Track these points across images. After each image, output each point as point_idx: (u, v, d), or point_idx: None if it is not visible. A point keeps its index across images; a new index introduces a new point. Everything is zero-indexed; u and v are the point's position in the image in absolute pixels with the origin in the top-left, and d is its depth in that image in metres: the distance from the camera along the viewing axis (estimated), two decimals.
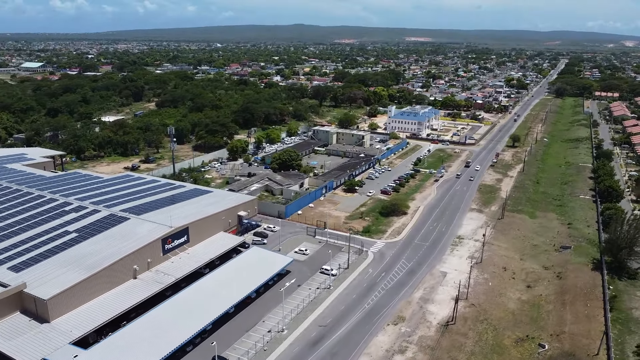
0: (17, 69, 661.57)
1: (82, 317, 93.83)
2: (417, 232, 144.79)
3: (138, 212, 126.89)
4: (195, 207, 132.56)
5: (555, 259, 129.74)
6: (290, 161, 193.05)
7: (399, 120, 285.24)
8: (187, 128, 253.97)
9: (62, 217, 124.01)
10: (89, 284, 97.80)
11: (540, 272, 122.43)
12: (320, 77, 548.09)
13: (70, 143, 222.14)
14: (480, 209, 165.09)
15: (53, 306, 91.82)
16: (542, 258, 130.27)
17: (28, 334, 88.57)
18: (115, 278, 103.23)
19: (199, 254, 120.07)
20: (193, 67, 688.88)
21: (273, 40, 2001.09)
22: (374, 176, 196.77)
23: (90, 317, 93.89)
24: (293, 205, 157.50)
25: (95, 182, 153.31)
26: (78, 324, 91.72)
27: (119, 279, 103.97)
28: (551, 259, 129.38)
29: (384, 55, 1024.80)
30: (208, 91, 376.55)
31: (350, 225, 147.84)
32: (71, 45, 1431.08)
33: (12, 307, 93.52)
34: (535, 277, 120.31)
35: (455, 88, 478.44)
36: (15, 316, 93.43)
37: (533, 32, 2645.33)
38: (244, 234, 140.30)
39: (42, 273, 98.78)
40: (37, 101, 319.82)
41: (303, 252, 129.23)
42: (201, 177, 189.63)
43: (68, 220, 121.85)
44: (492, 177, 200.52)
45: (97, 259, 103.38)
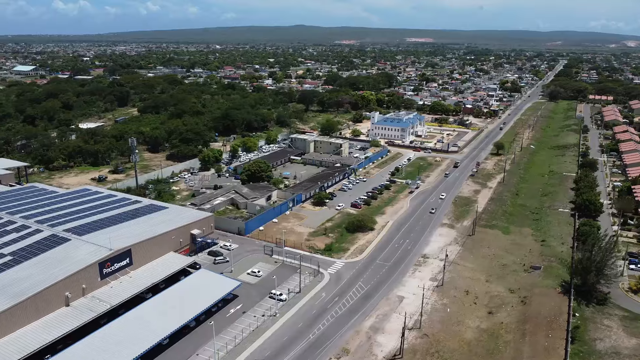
0: (9, 72, 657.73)
1: (1, 350, 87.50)
2: (381, 250, 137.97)
3: (82, 231, 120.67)
4: (145, 226, 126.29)
5: (523, 280, 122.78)
6: (259, 172, 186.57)
7: (382, 127, 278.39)
8: (162, 136, 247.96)
9: (1, 237, 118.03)
10: (12, 315, 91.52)
11: (504, 296, 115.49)
12: (312, 81, 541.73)
13: (39, 153, 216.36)
14: (452, 224, 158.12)
15: None
16: (510, 280, 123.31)
17: None
18: (44, 306, 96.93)
19: (142, 278, 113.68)
20: (186, 70, 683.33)
21: (273, 41, 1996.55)
22: (347, 187, 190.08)
23: (9, 351, 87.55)
24: (254, 221, 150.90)
25: (48, 198, 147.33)
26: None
27: (48, 307, 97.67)
28: (518, 281, 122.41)
29: (381, 57, 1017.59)
30: (193, 96, 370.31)
31: (311, 243, 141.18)
32: (70, 47, 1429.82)
33: None
34: (499, 301, 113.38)
35: (448, 91, 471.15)
36: None
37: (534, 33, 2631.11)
38: (197, 253, 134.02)
39: None
40: (17, 108, 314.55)
41: (255, 273, 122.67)
42: (167, 190, 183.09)
43: (6, 242, 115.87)
44: (470, 189, 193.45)
45: (25, 286, 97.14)
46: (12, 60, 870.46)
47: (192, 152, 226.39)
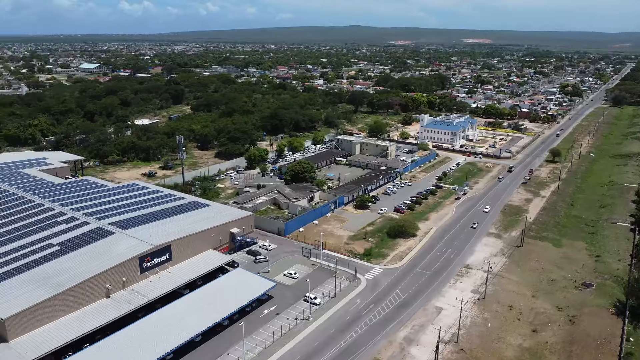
0: (75, 69, 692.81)
1: (42, 337, 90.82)
2: (422, 258, 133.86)
3: (127, 225, 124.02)
4: (186, 223, 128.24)
5: (573, 298, 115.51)
6: (303, 173, 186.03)
7: (431, 130, 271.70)
8: (212, 134, 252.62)
9: (51, 228, 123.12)
10: (54, 303, 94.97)
11: (551, 314, 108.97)
12: (363, 82, 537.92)
13: (95, 147, 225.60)
14: (499, 233, 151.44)
15: (11, 326, 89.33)
16: (558, 296, 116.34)
17: None
18: (85, 297, 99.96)
19: (180, 274, 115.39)
20: (240, 69, 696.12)
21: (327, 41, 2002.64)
22: (391, 191, 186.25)
23: (50, 338, 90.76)
24: (294, 222, 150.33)
25: (98, 191, 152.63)
26: (36, 346, 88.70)
27: (88, 298, 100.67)
28: (568, 299, 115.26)
29: (436, 58, 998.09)
30: (244, 95, 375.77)
31: (350, 247, 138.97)
32: (132, 46, 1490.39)
33: None
34: (545, 319, 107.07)
35: (504, 94, 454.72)
36: None
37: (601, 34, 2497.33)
38: (236, 251, 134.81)
39: (9, 290, 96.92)
40: (79, 103, 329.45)
41: (292, 275, 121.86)
42: (212, 187, 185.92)
43: (56, 232, 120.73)
44: (521, 197, 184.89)
45: (67, 277, 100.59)
46: (79, 58, 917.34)
47: (239, 151, 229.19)
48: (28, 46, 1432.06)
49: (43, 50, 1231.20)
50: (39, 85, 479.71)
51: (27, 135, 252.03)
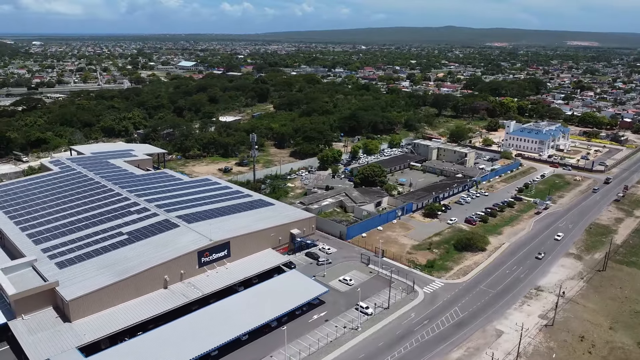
0: (174, 67, 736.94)
1: (100, 321, 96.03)
2: (488, 275, 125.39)
3: (191, 219, 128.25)
4: (248, 220, 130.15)
5: None
6: (373, 177, 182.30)
7: (517, 138, 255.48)
8: (289, 133, 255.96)
9: (124, 217, 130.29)
10: (115, 290, 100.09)
11: (630, 351, 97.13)
12: (451, 84, 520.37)
13: (178, 142, 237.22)
14: (579, 254, 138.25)
15: (75, 307, 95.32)
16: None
17: (48, 331, 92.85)
18: (144, 286, 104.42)
19: (237, 270, 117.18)
20: (327, 69, 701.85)
21: (420, 42, 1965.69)
22: (465, 201, 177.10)
23: (108, 322, 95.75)
24: (357, 227, 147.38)
25: (172, 184, 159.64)
26: (94, 328, 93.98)
27: (147, 287, 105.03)
28: None
29: (534, 60, 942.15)
30: (327, 95, 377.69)
31: (412, 257, 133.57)
32: (230, 46, 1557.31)
33: (45, 301, 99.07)
34: (622, 356, 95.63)
35: (605, 102, 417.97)
36: (47, 311, 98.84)
37: None
38: (295, 252, 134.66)
39: (78, 273, 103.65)
40: (171, 99, 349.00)
41: (347, 281, 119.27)
42: (282, 186, 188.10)
43: (127, 222, 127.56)
44: (611, 216, 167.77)
45: (130, 266, 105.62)
46: (179, 56, 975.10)
47: (314, 151, 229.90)
48: (137, 44, 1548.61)
49: (149, 48, 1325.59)
50: (140, 81, 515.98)
51: (121, 128, 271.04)
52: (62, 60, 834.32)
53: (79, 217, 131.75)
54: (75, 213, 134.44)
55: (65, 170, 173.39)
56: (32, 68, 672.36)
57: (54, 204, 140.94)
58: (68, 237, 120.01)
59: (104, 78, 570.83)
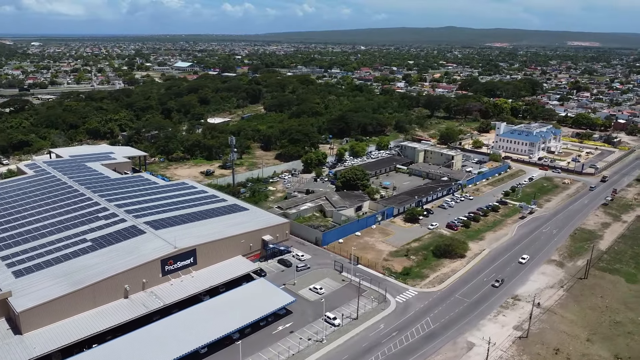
0: (170, 67, 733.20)
1: (53, 333, 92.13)
2: (465, 283, 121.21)
3: (160, 225, 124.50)
4: (218, 226, 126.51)
5: (639, 347, 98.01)
6: (355, 180, 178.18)
7: (508, 140, 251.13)
8: (275, 135, 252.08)
9: (91, 223, 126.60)
10: (70, 300, 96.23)
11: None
12: (446, 85, 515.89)
13: (161, 144, 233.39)
14: (561, 261, 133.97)
15: (26, 319, 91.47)
16: (620, 343, 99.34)
17: None
18: (102, 296, 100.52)
19: (203, 279, 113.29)
20: (324, 70, 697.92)
21: (420, 42, 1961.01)
22: (448, 205, 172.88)
23: (61, 334, 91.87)
24: (333, 233, 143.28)
25: (146, 189, 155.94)
26: (46, 341, 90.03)
27: (106, 297, 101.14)
28: (632, 347, 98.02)
29: (532, 61, 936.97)
30: (319, 97, 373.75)
31: (388, 264, 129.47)
32: (229, 46, 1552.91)
33: None
34: None
35: (602, 102, 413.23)
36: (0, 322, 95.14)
37: None
38: (267, 259, 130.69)
39: (35, 282, 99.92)
40: (160, 100, 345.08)
41: (317, 290, 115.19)
42: (263, 189, 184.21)
43: (93, 228, 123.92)
44: (597, 221, 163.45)
45: (89, 274, 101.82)
46: (177, 57, 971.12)
47: (299, 153, 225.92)
48: (136, 45, 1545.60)
49: (148, 49, 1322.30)
50: (133, 82, 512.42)
51: (106, 130, 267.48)
52: (58, 61, 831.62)
53: (44, 223, 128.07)
54: (41, 219, 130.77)
55: (39, 174, 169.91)
56: (27, 69, 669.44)
57: (22, 209, 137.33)
58: (30, 244, 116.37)
59: (97, 79, 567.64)
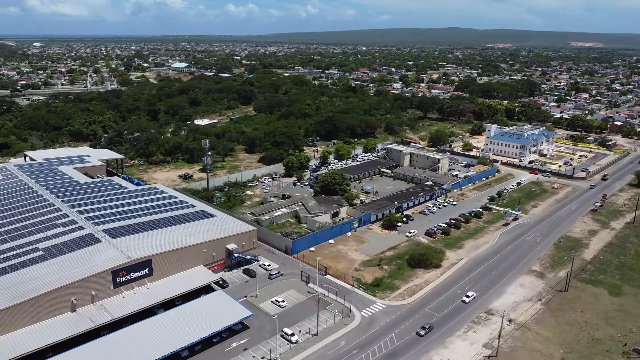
0: (167, 68, 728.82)
1: None
2: (437, 295, 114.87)
3: (118, 234, 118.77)
4: (179, 234, 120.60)
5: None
6: (333, 185, 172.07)
7: (499, 142, 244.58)
8: (260, 137, 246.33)
9: (47, 231, 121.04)
10: (11, 314, 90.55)
11: None
12: (443, 86, 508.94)
13: (141, 146, 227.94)
14: (542, 272, 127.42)
15: None
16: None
17: None
18: (47, 310, 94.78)
19: (158, 291, 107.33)
20: (322, 71, 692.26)
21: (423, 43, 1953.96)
22: (430, 211, 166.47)
23: None
24: (305, 240, 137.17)
25: (113, 194, 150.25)
26: None
27: (51, 310, 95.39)
28: None
29: (534, 62, 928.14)
30: (311, 97, 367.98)
31: (359, 274, 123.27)
32: (230, 47, 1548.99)
33: None
34: None
35: (600, 104, 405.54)
36: None
37: None
38: (232, 269, 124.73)
39: None
40: (149, 102, 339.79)
41: (279, 303, 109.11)
42: (240, 194, 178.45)
43: (48, 236, 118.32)
44: (585, 228, 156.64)
45: (34, 286, 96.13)
46: (175, 57, 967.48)
47: (282, 156, 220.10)
48: (137, 46, 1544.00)
49: (149, 49, 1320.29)
50: (127, 83, 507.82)
51: (89, 131, 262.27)
52: (57, 62, 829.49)
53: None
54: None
55: (7, 177, 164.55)
56: (23, 69, 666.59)
57: None
58: None
59: (92, 80, 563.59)
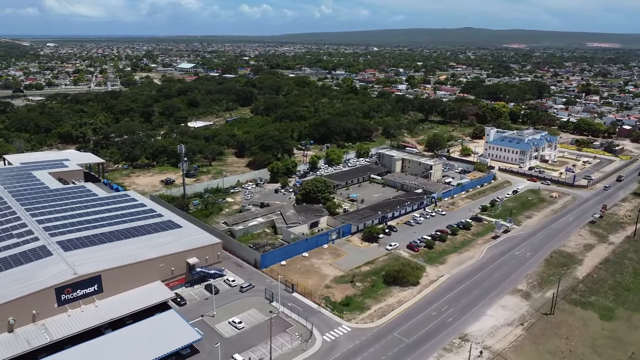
0: (174, 69, 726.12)
1: None
2: (409, 317, 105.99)
3: (72, 246, 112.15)
4: (136, 248, 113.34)
5: None
6: (315, 193, 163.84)
7: (498, 147, 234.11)
8: (250, 140, 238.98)
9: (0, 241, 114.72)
10: None
11: None
12: (449, 87, 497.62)
13: (126, 150, 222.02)
14: (528, 291, 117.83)
15: None
16: None
17: None
18: None
19: (107, 309, 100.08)
20: (328, 71, 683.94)
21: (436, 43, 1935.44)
22: (416, 221, 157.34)
23: None
24: (276, 253, 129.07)
25: (80, 202, 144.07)
26: None
27: None
28: None
29: (547, 62, 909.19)
30: (310, 99, 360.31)
31: (329, 292, 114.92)
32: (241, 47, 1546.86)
33: None
34: None
35: (611, 107, 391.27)
36: None
37: None
38: (194, 285, 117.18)
39: None
40: (145, 103, 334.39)
41: (235, 324, 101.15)
42: (219, 201, 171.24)
43: None
44: (580, 242, 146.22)
45: None
46: (184, 58, 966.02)
47: (269, 161, 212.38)
48: (149, 46, 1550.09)
49: (160, 49, 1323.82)
50: (130, 84, 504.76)
51: (79, 134, 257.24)
52: (66, 62, 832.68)
53: None
54: None
55: None
56: (31, 70, 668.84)
57: None
58: None
59: (96, 80, 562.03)
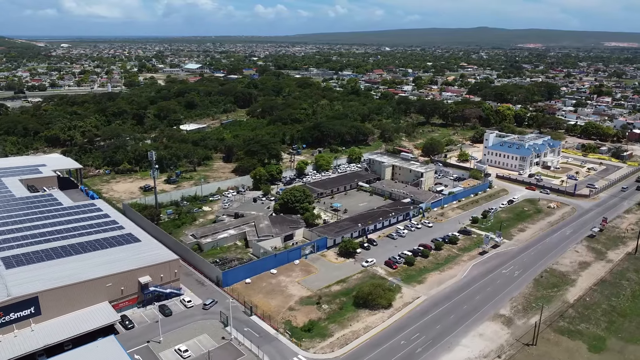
0: (180, 70, 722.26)
1: None
2: (375, 347, 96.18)
3: (16, 263, 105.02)
4: (84, 265, 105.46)
5: None
6: (293, 202, 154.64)
7: (497, 153, 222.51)
8: (237, 145, 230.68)
9: None
10: None
11: None
12: (456, 89, 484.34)
13: (108, 155, 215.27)
14: (511, 317, 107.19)
15: None
16: None
17: None
18: None
19: (44, 334, 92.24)
20: (334, 72, 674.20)
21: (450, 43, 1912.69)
22: (399, 234, 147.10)
23: None
24: (240, 270, 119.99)
25: (42, 212, 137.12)
26: None
27: None
28: None
29: (561, 62, 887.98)
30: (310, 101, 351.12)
31: (291, 315, 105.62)
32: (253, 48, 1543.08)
33: None
34: None
35: (622, 109, 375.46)
36: None
37: None
38: (147, 305, 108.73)
39: None
40: (140, 105, 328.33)
41: (181, 353, 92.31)
42: (194, 210, 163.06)
43: None
44: (575, 259, 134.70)
45: None
46: (193, 58, 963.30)
47: (255, 167, 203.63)
48: (162, 46, 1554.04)
49: (171, 50, 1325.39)
50: (133, 85, 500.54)
51: (67, 137, 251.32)
52: (75, 63, 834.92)
53: None
54: None
55: None
56: (39, 70, 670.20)
57: None
58: None
59: (100, 81, 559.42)
